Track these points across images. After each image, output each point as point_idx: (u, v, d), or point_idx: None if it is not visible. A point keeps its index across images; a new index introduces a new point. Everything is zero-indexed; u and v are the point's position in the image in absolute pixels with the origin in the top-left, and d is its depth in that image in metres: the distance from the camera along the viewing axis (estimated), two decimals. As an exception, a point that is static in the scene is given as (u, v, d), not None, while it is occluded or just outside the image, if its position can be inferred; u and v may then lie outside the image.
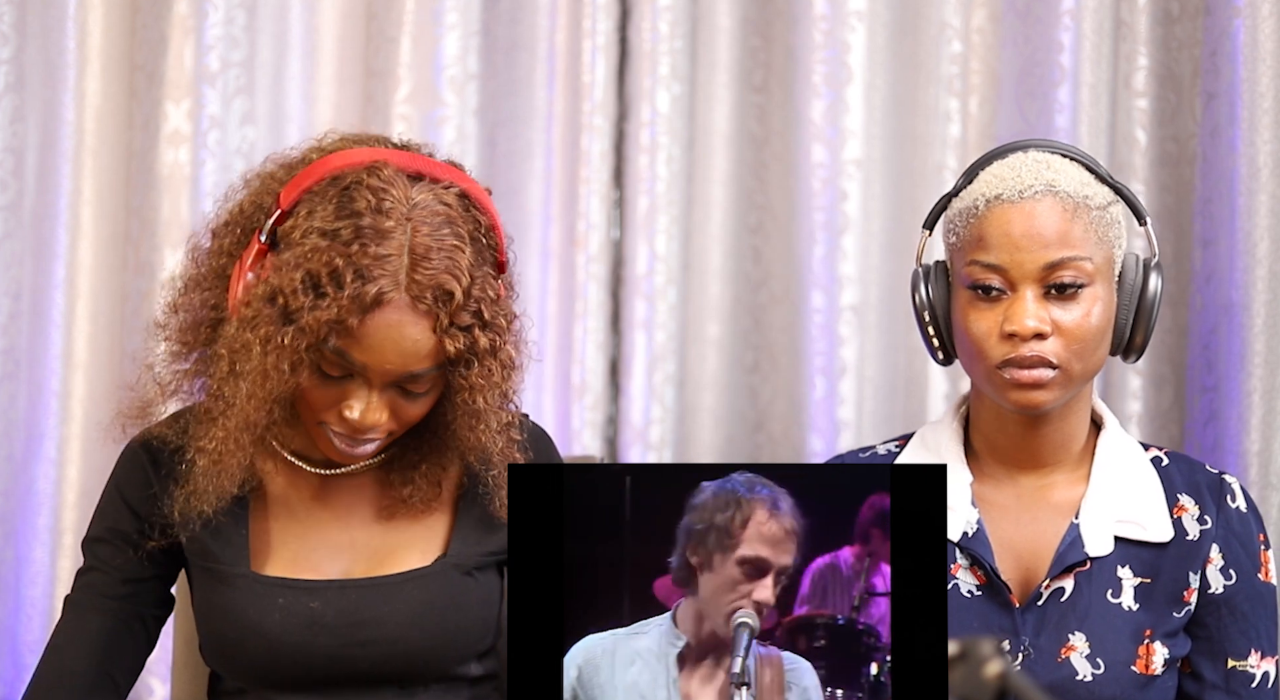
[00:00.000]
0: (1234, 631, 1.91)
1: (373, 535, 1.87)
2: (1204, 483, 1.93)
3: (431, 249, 1.71)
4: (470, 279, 1.73)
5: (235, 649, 1.82)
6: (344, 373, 1.73)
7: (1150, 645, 1.87)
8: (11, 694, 2.36)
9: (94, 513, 1.91)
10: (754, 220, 2.56)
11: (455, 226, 1.74)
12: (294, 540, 1.86)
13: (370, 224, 1.70)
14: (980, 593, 1.89)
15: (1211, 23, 2.34)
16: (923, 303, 1.92)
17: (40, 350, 2.39)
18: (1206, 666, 1.91)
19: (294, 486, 1.88)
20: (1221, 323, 2.31)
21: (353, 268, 1.69)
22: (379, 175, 1.74)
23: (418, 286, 1.70)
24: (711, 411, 2.55)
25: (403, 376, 1.74)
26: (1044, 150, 1.89)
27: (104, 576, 1.86)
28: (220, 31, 2.42)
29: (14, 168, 2.39)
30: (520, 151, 2.52)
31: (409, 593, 1.83)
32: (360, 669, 1.82)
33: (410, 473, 1.86)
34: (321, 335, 1.69)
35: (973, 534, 1.89)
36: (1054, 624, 1.87)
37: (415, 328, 1.72)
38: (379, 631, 1.81)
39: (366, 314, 1.69)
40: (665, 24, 2.50)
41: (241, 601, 1.82)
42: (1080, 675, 1.85)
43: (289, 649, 1.81)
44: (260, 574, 1.83)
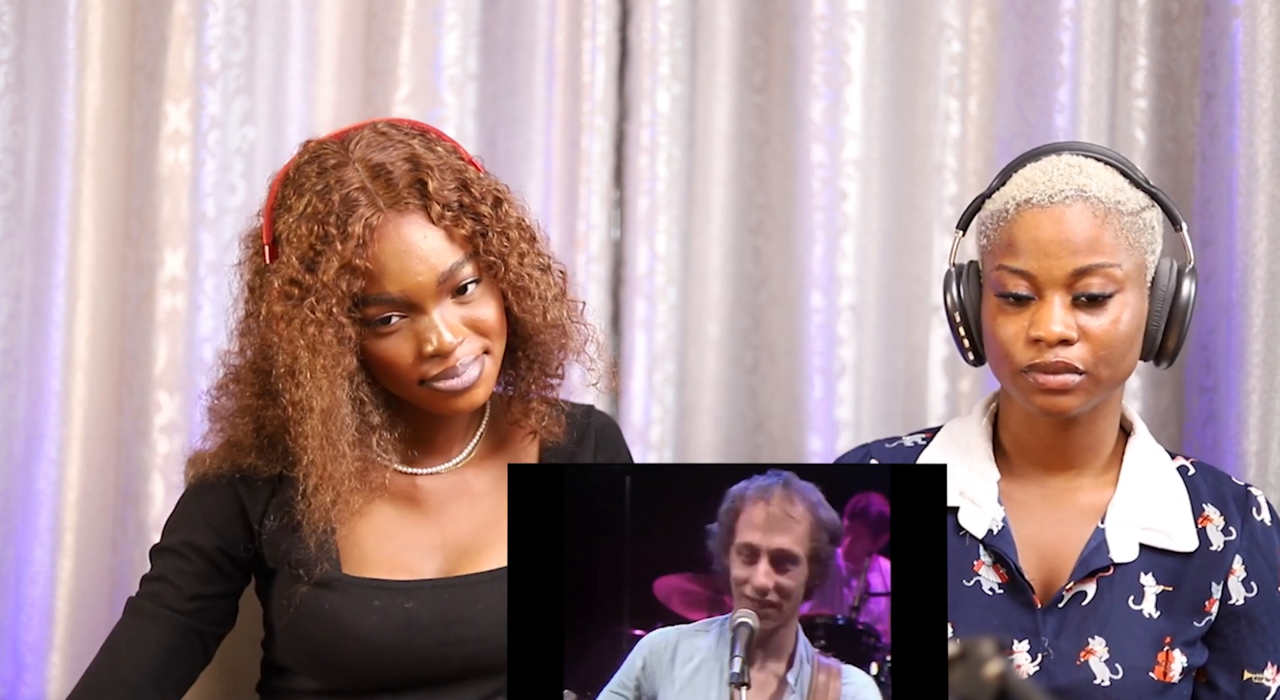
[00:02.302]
0: (1252, 644, 1.91)
1: (463, 532, 1.88)
2: (1230, 494, 1.93)
3: (383, 160, 1.77)
4: (432, 160, 1.79)
5: (330, 652, 1.82)
6: (394, 313, 1.77)
7: (1169, 652, 1.87)
8: (12, 694, 2.36)
9: (167, 523, 1.92)
10: (754, 220, 2.56)
11: (395, 133, 1.82)
12: (386, 541, 1.87)
13: (322, 183, 1.77)
14: (1002, 591, 1.89)
15: (1211, 23, 2.34)
16: (954, 303, 1.92)
17: (40, 350, 2.39)
18: (1222, 677, 1.91)
19: (386, 489, 1.88)
20: (1220, 323, 2.31)
21: (333, 219, 1.74)
22: (308, 150, 1.83)
23: (391, 194, 1.76)
24: (711, 411, 2.55)
25: (441, 282, 1.77)
26: (1078, 153, 1.87)
27: (171, 588, 1.86)
28: (220, 31, 2.41)
29: (14, 168, 2.39)
30: (520, 151, 2.52)
31: (500, 590, 1.83)
32: (454, 667, 1.83)
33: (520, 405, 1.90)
34: (344, 289, 1.74)
35: (998, 531, 1.89)
36: (1074, 627, 1.87)
37: (415, 230, 1.77)
38: (472, 630, 1.83)
39: (367, 247, 1.74)
40: (665, 24, 2.50)
41: (336, 604, 1.82)
42: (1098, 679, 1.85)
43: (385, 650, 1.81)
44: (355, 576, 1.84)
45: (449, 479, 1.91)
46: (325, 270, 1.74)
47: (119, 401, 2.41)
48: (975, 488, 1.91)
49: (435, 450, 1.92)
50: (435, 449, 1.92)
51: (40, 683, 2.35)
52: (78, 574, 2.37)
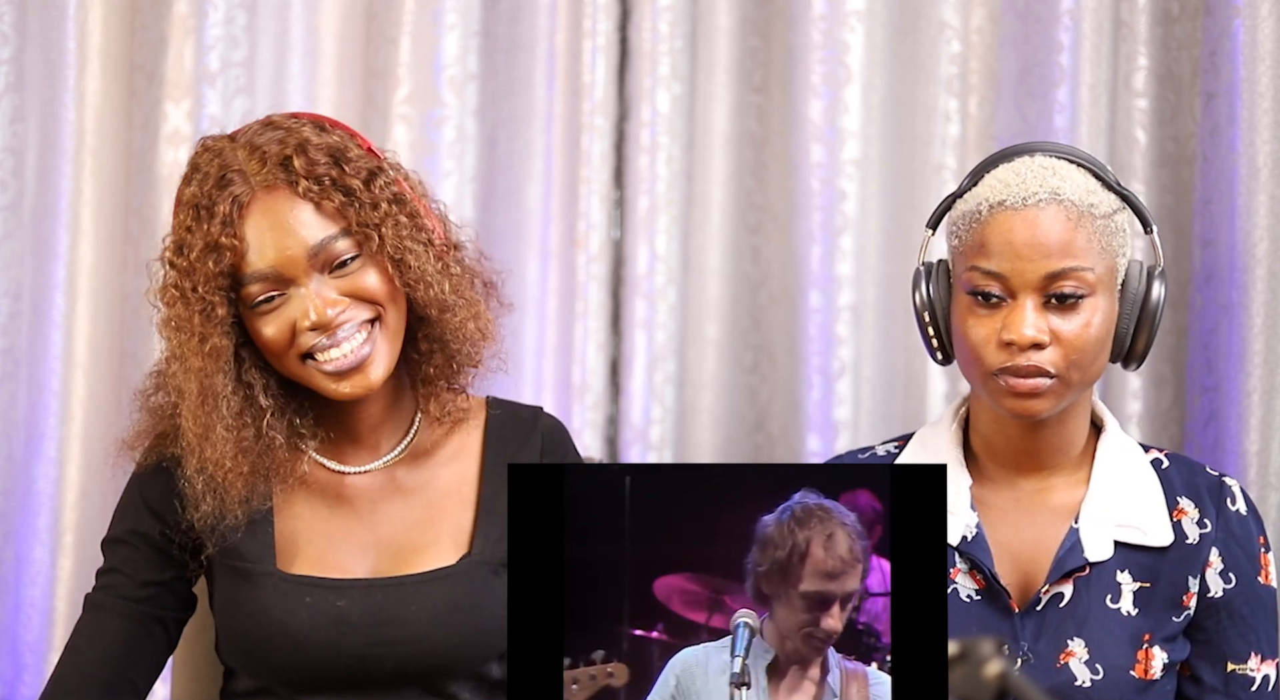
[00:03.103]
0: (1233, 635, 1.90)
1: (397, 532, 1.87)
2: (1204, 485, 1.92)
3: (258, 141, 1.79)
4: (307, 140, 1.79)
5: (261, 648, 1.82)
6: (270, 291, 1.77)
7: (1149, 650, 1.87)
8: (12, 694, 2.36)
9: (114, 513, 1.91)
10: (754, 220, 2.56)
11: (284, 120, 1.83)
12: (320, 539, 1.86)
13: (202, 171, 1.79)
14: (979, 598, 1.89)
15: (1211, 23, 2.34)
16: (923, 302, 1.91)
17: (40, 350, 2.39)
18: (1206, 670, 1.91)
19: (319, 485, 1.88)
20: (1221, 323, 2.31)
21: (204, 201, 1.77)
22: (201, 144, 1.85)
23: (262, 172, 1.77)
24: (711, 411, 2.55)
25: (313, 256, 1.77)
26: (1051, 155, 1.86)
27: (124, 578, 1.85)
28: (220, 31, 2.41)
29: (14, 168, 2.39)
30: (520, 151, 2.52)
31: (435, 591, 1.83)
32: (386, 668, 1.82)
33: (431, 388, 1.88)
34: (211, 267, 1.75)
35: (972, 538, 1.89)
36: (1053, 629, 1.86)
37: (283, 204, 1.77)
38: (405, 631, 1.82)
39: (233, 225, 1.75)
40: (665, 24, 2.50)
41: (268, 600, 1.82)
42: (1079, 681, 1.85)
43: (316, 648, 1.81)
44: (287, 573, 1.84)
45: (379, 477, 1.89)
46: (191, 249, 1.76)
47: (119, 401, 2.40)
48: (948, 494, 1.91)
49: (362, 447, 1.89)
50: (361, 446, 1.89)
51: (40, 683, 2.35)
52: (78, 574, 2.37)
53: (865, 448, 2.06)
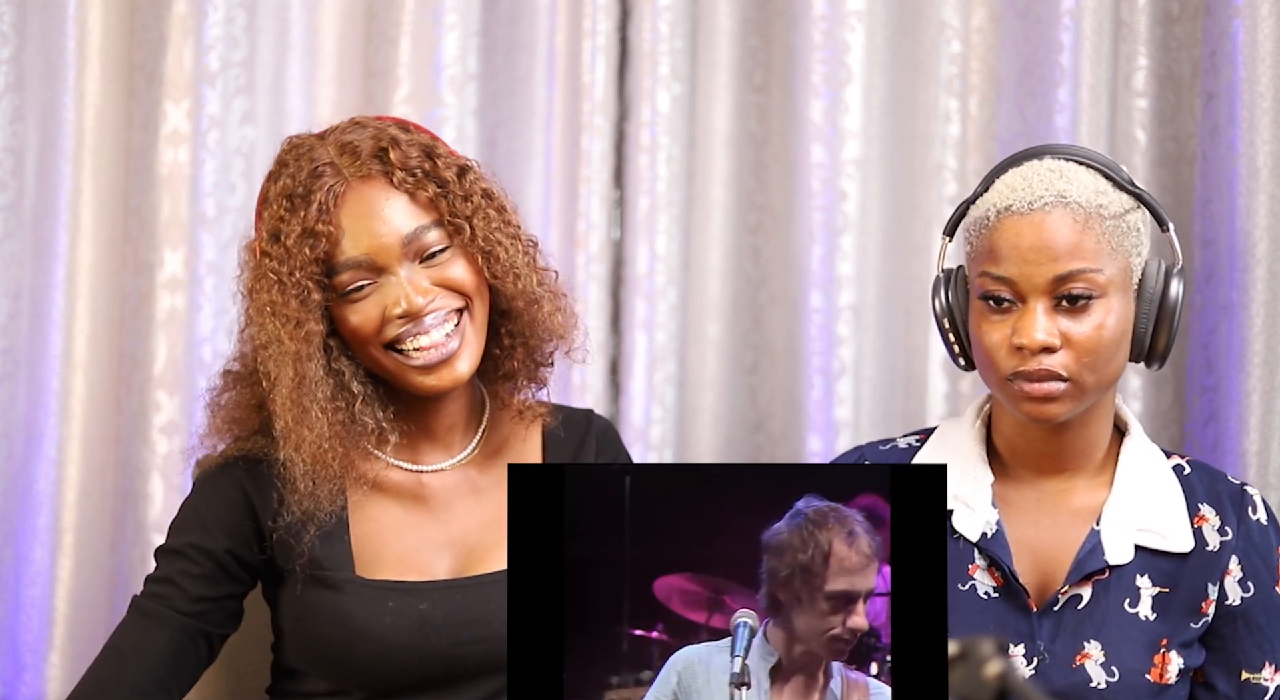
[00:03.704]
0: (1249, 644, 1.90)
1: (470, 531, 1.89)
2: (1225, 493, 1.93)
3: (352, 137, 1.83)
4: (397, 136, 1.83)
5: (344, 654, 1.83)
6: (362, 280, 1.80)
7: (1166, 655, 1.87)
8: (11, 694, 2.36)
9: (173, 525, 1.92)
10: (754, 220, 2.56)
11: (370, 121, 1.87)
12: (397, 542, 1.87)
13: (295, 165, 1.83)
14: (998, 595, 1.88)
15: (1211, 23, 2.34)
16: (942, 309, 1.91)
17: (40, 350, 2.39)
18: (1220, 678, 1.91)
19: (394, 488, 1.90)
20: (1221, 323, 2.31)
21: (300, 190, 1.80)
22: (288, 142, 1.89)
23: (356, 164, 1.80)
24: (711, 411, 2.55)
25: (406, 244, 1.80)
26: (1060, 157, 1.86)
27: (177, 590, 1.86)
28: (220, 31, 2.41)
29: (14, 168, 2.39)
30: (520, 151, 2.52)
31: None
32: (468, 667, 1.84)
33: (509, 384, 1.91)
34: (306, 253, 1.77)
35: (992, 535, 1.89)
36: (1070, 631, 1.86)
37: (377, 193, 1.81)
38: (487, 629, 1.84)
39: (329, 213, 1.78)
40: (665, 24, 2.50)
41: (350, 606, 1.83)
42: (1094, 682, 1.85)
43: (400, 651, 1.82)
44: (368, 578, 1.84)
45: (454, 476, 1.92)
46: (288, 236, 1.79)
47: (118, 401, 2.40)
48: (969, 491, 1.91)
49: (437, 446, 1.93)
50: (437, 445, 1.93)
51: (40, 683, 2.35)
52: (77, 574, 2.37)
53: (887, 440, 2.06)
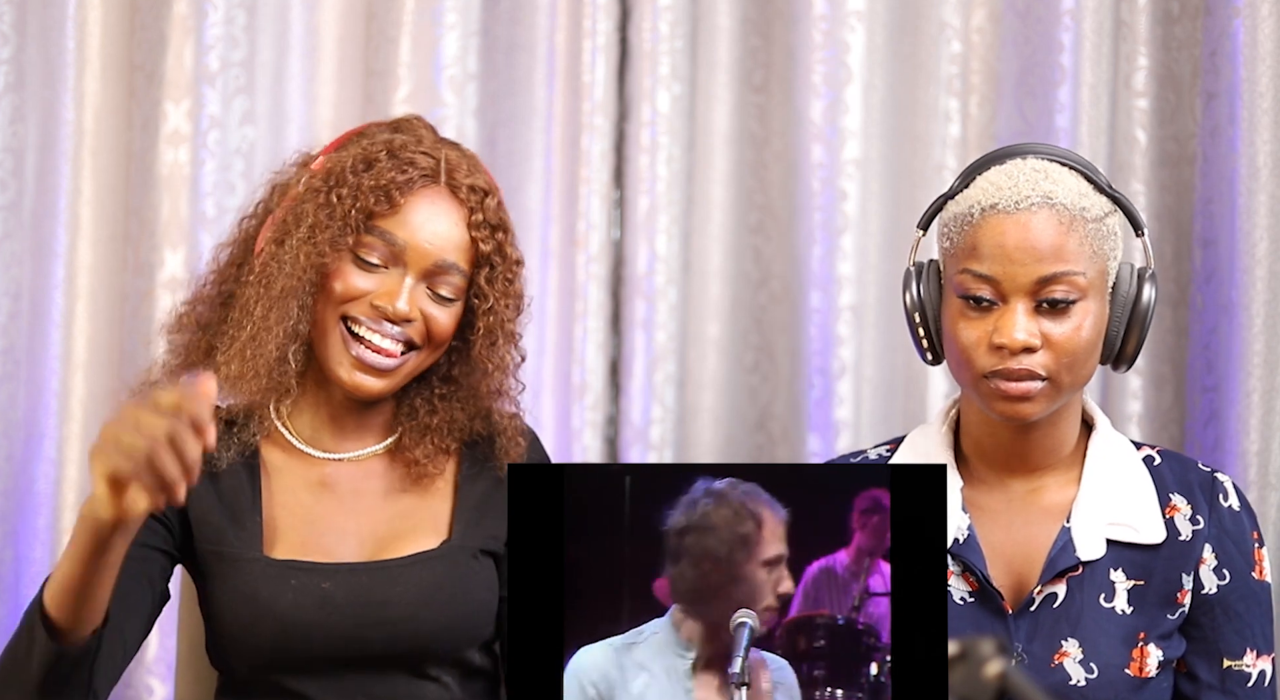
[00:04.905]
0: (1229, 631, 1.90)
1: (378, 521, 1.90)
2: (1196, 482, 1.92)
3: (461, 164, 1.90)
4: (496, 201, 1.91)
5: (247, 632, 1.84)
6: (382, 260, 1.85)
7: (1144, 648, 1.87)
8: (11, 694, 2.36)
9: None
10: (754, 220, 2.56)
11: (481, 167, 1.94)
12: (303, 525, 1.89)
13: (406, 136, 1.91)
14: (973, 600, 1.88)
15: (1211, 23, 2.34)
16: (913, 303, 1.90)
17: (40, 350, 2.39)
18: (1202, 667, 1.90)
19: (302, 473, 1.91)
20: (1221, 323, 2.31)
21: (404, 156, 1.87)
22: (397, 118, 1.99)
23: (454, 181, 1.88)
24: (711, 411, 2.55)
25: (437, 265, 1.86)
26: (1043, 158, 1.86)
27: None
28: (220, 31, 2.42)
29: (14, 168, 2.39)
30: (520, 151, 2.52)
31: (418, 574, 1.86)
32: (373, 650, 1.84)
33: (419, 437, 1.93)
34: (369, 203, 1.84)
35: (964, 540, 1.89)
36: (1047, 630, 1.86)
37: (452, 214, 1.87)
38: (390, 612, 1.84)
39: (409, 192, 1.85)
40: (665, 24, 2.50)
41: (254, 583, 1.84)
42: (1074, 680, 1.85)
43: (302, 628, 1.83)
44: (273, 558, 1.86)
45: (360, 467, 1.93)
46: (364, 180, 1.84)
47: (118, 401, 2.40)
48: None
49: (347, 436, 1.94)
50: (347, 435, 1.93)
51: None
52: (77, 574, 2.37)
53: (857, 452, 2.06)
